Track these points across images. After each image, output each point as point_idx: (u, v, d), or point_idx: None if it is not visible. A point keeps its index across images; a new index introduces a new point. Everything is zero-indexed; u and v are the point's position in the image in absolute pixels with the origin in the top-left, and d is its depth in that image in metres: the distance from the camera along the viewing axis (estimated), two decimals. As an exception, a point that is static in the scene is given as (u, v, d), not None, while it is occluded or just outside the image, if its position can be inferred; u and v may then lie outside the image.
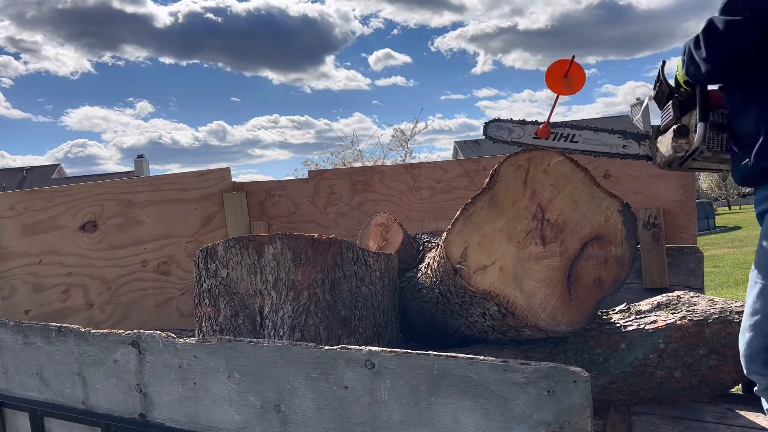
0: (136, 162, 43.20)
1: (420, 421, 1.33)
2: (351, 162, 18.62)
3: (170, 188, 3.82)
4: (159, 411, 1.72)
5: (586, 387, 1.18)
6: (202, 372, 1.62)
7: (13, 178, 42.94)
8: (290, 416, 1.49)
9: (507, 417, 1.24)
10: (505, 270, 1.94)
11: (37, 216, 3.34)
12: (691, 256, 3.21)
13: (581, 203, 2.01)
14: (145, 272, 3.69)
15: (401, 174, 3.88)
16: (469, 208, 1.98)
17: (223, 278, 2.15)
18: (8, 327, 2.05)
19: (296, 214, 4.05)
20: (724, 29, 1.64)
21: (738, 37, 1.63)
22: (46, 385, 1.98)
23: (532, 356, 2.11)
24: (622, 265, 2.02)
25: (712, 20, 1.69)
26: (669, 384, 2.04)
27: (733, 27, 1.63)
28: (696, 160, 2.02)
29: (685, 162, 2.06)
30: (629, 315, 2.18)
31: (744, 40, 1.62)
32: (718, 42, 1.67)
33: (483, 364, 1.26)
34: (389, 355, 1.35)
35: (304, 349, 1.45)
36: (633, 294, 3.02)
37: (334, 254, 2.14)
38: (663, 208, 3.24)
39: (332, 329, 2.10)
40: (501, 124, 2.70)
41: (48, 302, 3.36)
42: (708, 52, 1.71)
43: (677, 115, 2.05)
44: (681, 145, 2.01)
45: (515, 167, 2.01)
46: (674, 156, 2.05)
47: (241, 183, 4.20)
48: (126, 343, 1.75)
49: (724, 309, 2.06)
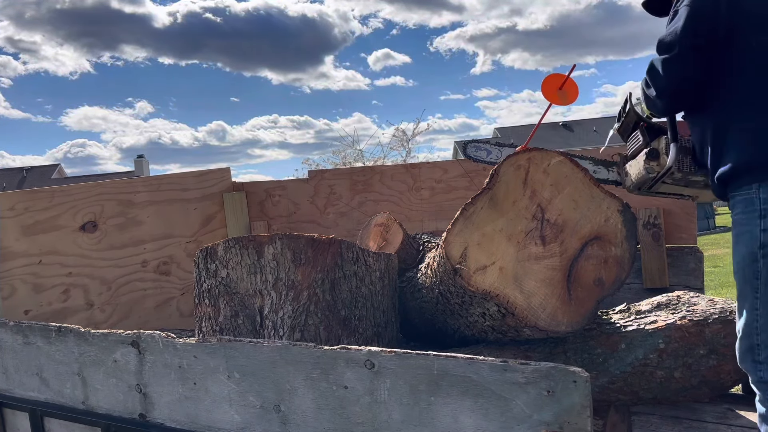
0: (136, 162, 43.19)
1: (420, 421, 1.33)
2: (351, 162, 18.63)
3: (170, 188, 3.82)
4: (159, 411, 1.72)
5: (586, 387, 1.18)
6: (202, 372, 1.62)
7: (13, 178, 42.93)
8: (290, 416, 1.49)
9: (507, 417, 1.24)
10: (505, 270, 1.94)
11: (37, 216, 3.34)
12: (691, 256, 3.21)
13: (581, 203, 2.01)
14: (145, 272, 3.69)
15: (401, 174, 3.88)
16: (469, 208, 1.98)
17: (223, 278, 2.15)
18: (8, 327, 2.05)
19: (296, 214, 4.05)
20: (662, 67, 1.86)
21: (675, 71, 1.83)
22: (46, 385, 1.98)
23: (532, 356, 2.11)
24: (622, 265, 2.02)
25: (653, 61, 1.90)
26: (669, 384, 2.04)
27: (668, 63, 1.84)
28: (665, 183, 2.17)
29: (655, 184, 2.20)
30: (629, 315, 2.19)
31: (680, 72, 1.83)
32: (661, 79, 1.88)
33: (483, 364, 1.26)
34: (389, 355, 1.35)
35: (304, 349, 1.45)
36: (633, 294, 3.02)
37: (334, 254, 2.14)
38: (663, 208, 3.23)
39: (332, 329, 2.10)
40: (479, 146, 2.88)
41: (48, 302, 3.36)
42: (656, 90, 1.91)
43: (646, 140, 2.20)
44: (653, 167, 2.15)
45: (515, 167, 2.01)
46: (646, 177, 2.19)
47: (241, 183, 4.20)
48: (126, 343, 1.75)
49: (724, 309, 2.06)
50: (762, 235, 1.71)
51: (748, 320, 1.76)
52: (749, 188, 1.75)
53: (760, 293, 1.72)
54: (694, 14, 1.77)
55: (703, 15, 1.77)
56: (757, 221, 1.72)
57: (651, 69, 1.90)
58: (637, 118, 2.21)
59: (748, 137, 1.75)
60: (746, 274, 1.75)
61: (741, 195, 1.78)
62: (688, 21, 1.77)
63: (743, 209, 1.77)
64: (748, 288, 1.75)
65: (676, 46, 1.80)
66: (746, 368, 1.80)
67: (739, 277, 1.80)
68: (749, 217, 1.75)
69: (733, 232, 1.83)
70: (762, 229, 1.72)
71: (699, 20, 1.77)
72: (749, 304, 1.75)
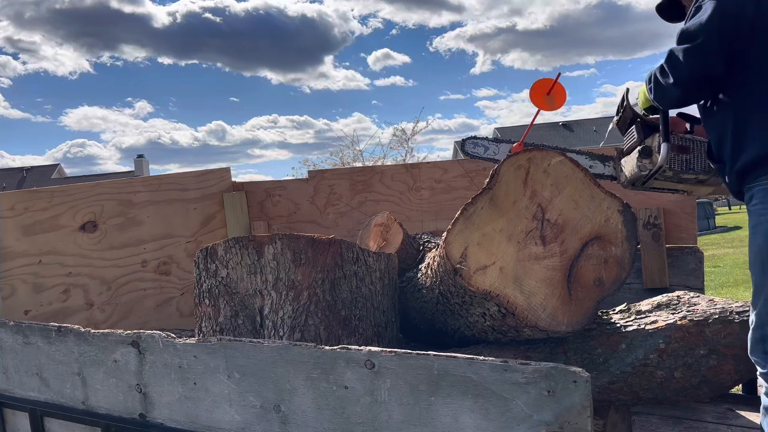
0: (136, 162, 43.19)
1: (420, 421, 1.33)
2: (350, 162, 18.64)
3: (170, 188, 3.82)
4: (159, 411, 1.72)
5: (586, 387, 1.18)
6: (202, 372, 1.62)
7: (13, 178, 42.93)
8: (290, 416, 1.49)
9: (507, 417, 1.24)
10: (505, 270, 1.94)
11: (37, 216, 3.34)
12: (691, 256, 3.21)
13: (581, 203, 2.01)
14: (145, 272, 3.69)
15: (401, 174, 3.88)
16: (469, 208, 1.98)
17: (223, 278, 2.15)
18: (8, 327, 2.05)
19: (296, 214, 4.05)
20: (683, 56, 1.85)
21: (697, 60, 1.83)
22: (46, 385, 1.98)
23: (532, 356, 2.11)
24: (622, 265, 2.02)
25: (672, 50, 1.90)
26: (669, 384, 2.04)
27: (690, 53, 1.83)
28: (658, 180, 2.21)
29: (647, 181, 2.24)
30: (629, 315, 2.18)
31: (702, 62, 1.83)
32: (681, 68, 1.87)
33: (483, 364, 1.26)
34: (389, 355, 1.35)
35: (304, 349, 1.45)
36: (633, 294, 3.02)
37: (334, 254, 2.14)
38: (663, 208, 3.24)
39: (332, 329, 2.10)
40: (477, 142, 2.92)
41: (48, 302, 3.36)
42: (674, 78, 1.89)
43: (641, 137, 2.24)
44: (645, 164, 2.20)
45: (515, 167, 2.01)
46: (638, 175, 2.23)
47: (241, 183, 4.20)
48: (126, 343, 1.75)
49: (724, 309, 2.06)
50: None
51: (762, 311, 1.75)
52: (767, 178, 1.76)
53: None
54: (721, 8, 1.78)
55: (730, 9, 1.79)
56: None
57: (670, 57, 1.90)
58: (633, 115, 2.23)
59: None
60: (765, 265, 1.76)
61: (759, 185, 1.79)
62: (715, 14, 1.78)
63: (761, 199, 1.78)
64: (765, 278, 1.75)
65: (700, 36, 1.80)
66: (756, 359, 1.80)
67: (756, 268, 1.80)
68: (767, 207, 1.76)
69: (750, 222, 1.84)
70: None
71: (726, 14, 1.78)
72: (765, 295, 1.75)
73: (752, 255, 1.81)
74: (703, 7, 1.84)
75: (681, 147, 2.14)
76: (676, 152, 2.13)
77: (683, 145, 2.15)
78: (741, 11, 1.78)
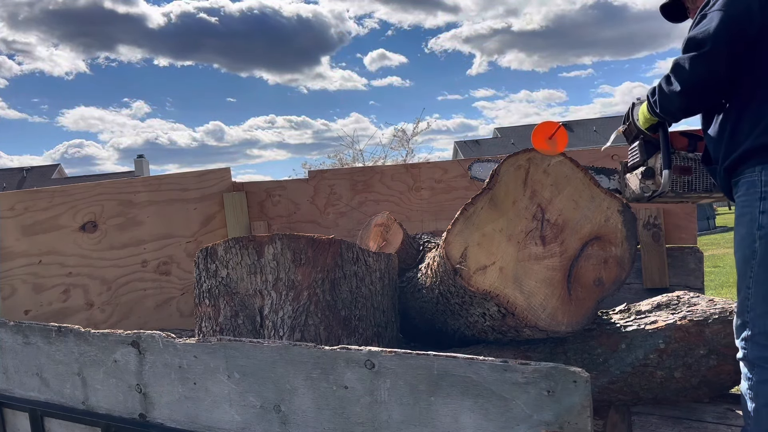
0: (136, 162, 43.19)
1: (420, 421, 1.33)
2: (349, 163, 18.66)
3: (170, 188, 3.82)
4: (159, 411, 1.72)
5: (586, 387, 1.18)
6: (202, 372, 1.62)
7: (13, 178, 42.93)
8: (290, 416, 1.49)
9: (507, 417, 1.24)
10: (505, 270, 1.94)
11: (37, 216, 3.34)
12: (691, 256, 3.21)
13: (581, 203, 2.01)
14: (145, 272, 3.69)
15: (401, 174, 3.88)
16: (469, 208, 1.98)
17: (223, 278, 2.15)
18: (8, 327, 2.05)
19: (296, 214, 4.05)
20: (690, 63, 1.87)
21: (703, 67, 1.85)
22: (46, 385, 1.98)
23: (532, 356, 2.11)
24: (622, 265, 2.02)
25: (678, 60, 1.91)
26: (669, 384, 2.04)
27: (698, 60, 1.85)
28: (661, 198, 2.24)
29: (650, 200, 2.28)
30: (629, 315, 2.18)
31: (709, 69, 1.85)
32: (687, 75, 1.89)
33: (483, 364, 1.26)
34: (389, 355, 1.35)
35: (304, 349, 1.45)
36: (633, 294, 3.02)
37: (334, 254, 2.14)
38: (663, 208, 3.23)
39: (332, 329, 2.10)
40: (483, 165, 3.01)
41: (48, 302, 3.36)
42: (681, 84, 1.91)
43: (644, 157, 2.24)
44: (648, 185, 2.22)
45: (515, 167, 2.01)
46: (641, 195, 2.26)
47: (241, 183, 4.20)
48: (126, 343, 1.75)
49: (724, 309, 2.06)
50: (761, 217, 1.79)
51: (742, 298, 1.85)
52: (752, 171, 1.82)
53: (754, 273, 1.81)
54: (728, 18, 1.81)
55: (737, 20, 1.81)
56: (757, 203, 1.80)
57: (676, 66, 1.92)
58: (638, 130, 2.24)
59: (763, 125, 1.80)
60: (745, 254, 1.84)
61: (744, 178, 1.85)
62: (722, 24, 1.81)
63: (745, 191, 1.84)
64: (745, 267, 1.84)
65: (708, 43, 1.82)
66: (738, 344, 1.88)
67: (738, 257, 1.88)
68: (750, 199, 1.82)
69: (736, 213, 1.90)
70: (761, 211, 1.79)
71: (733, 25, 1.81)
72: (745, 282, 1.84)
73: (735, 244, 1.89)
74: (709, 15, 1.86)
75: (683, 168, 2.15)
76: (679, 173, 2.15)
77: (685, 165, 2.16)
78: (749, 20, 1.80)
